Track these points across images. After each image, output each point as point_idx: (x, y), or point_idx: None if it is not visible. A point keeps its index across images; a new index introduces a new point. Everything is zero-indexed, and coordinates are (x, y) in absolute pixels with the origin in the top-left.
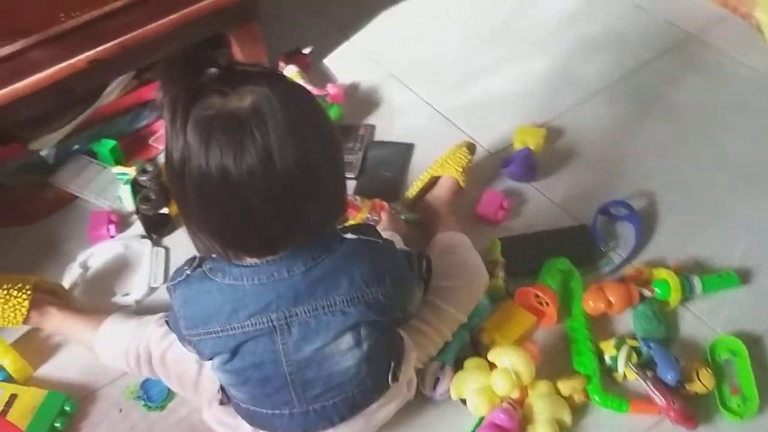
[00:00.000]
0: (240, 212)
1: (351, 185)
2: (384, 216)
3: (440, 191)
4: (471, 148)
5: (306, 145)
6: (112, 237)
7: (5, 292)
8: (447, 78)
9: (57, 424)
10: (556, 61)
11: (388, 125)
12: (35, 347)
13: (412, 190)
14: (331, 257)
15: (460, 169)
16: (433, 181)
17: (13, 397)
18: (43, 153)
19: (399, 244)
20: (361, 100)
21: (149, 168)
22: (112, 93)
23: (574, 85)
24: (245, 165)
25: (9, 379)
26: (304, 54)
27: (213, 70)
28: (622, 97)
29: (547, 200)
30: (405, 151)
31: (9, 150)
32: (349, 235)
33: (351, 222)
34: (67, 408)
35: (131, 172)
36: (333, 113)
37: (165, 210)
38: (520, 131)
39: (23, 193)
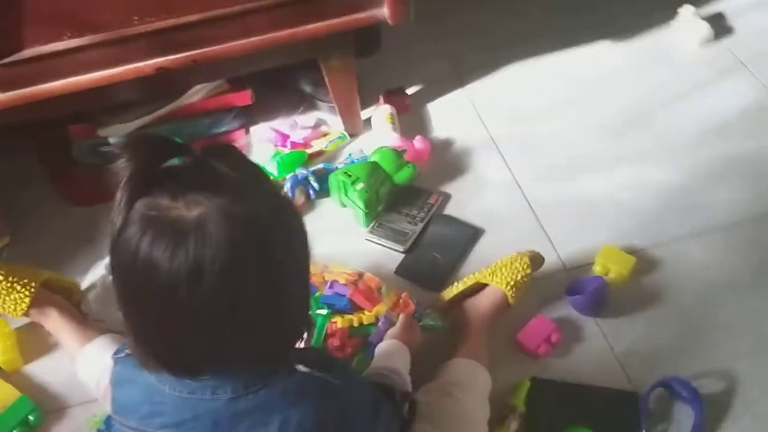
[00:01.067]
0: (157, 322)
1: (395, 260)
2: (401, 321)
3: (483, 302)
4: (535, 261)
5: (248, 283)
6: None
7: (9, 284)
8: (551, 162)
9: None
10: (682, 176)
11: (465, 199)
12: (34, 340)
13: (451, 291)
14: (268, 390)
15: (512, 283)
16: (478, 287)
17: None
18: (112, 140)
19: (404, 361)
20: (448, 162)
21: None
22: (198, 93)
23: (693, 212)
24: (172, 273)
25: None
26: (406, 94)
27: (177, 162)
28: (744, 243)
29: (606, 346)
30: (471, 236)
31: (79, 129)
32: (300, 367)
33: (365, 315)
34: (32, 418)
35: None
36: (404, 174)
37: None
38: (606, 253)
39: (86, 174)
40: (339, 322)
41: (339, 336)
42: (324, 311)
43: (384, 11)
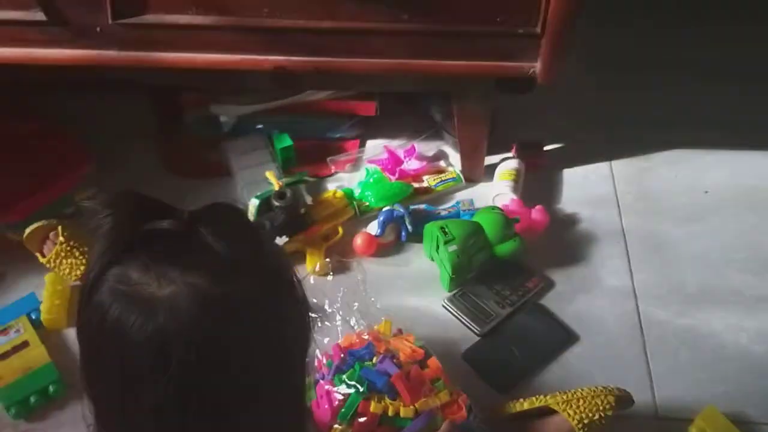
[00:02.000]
0: (119, 406)
1: (467, 341)
2: (444, 429)
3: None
4: (622, 402)
5: (222, 375)
6: None
7: (69, 247)
8: (682, 280)
9: (32, 399)
10: None
11: (569, 294)
12: None
13: (515, 406)
14: None
15: (587, 421)
16: (546, 411)
17: (23, 345)
18: (222, 119)
19: None
20: (564, 244)
21: (288, 194)
22: (320, 93)
23: None
24: (137, 358)
25: (39, 322)
26: (543, 151)
27: (161, 225)
28: None
29: None
30: (561, 341)
31: (192, 100)
32: None
33: (403, 407)
34: (51, 389)
35: (275, 185)
36: (506, 247)
37: None
38: (709, 415)
39: (190, 145)
40: (373, 405)
41: (369, 419)
42: (361, 387)
43: (536, 66)
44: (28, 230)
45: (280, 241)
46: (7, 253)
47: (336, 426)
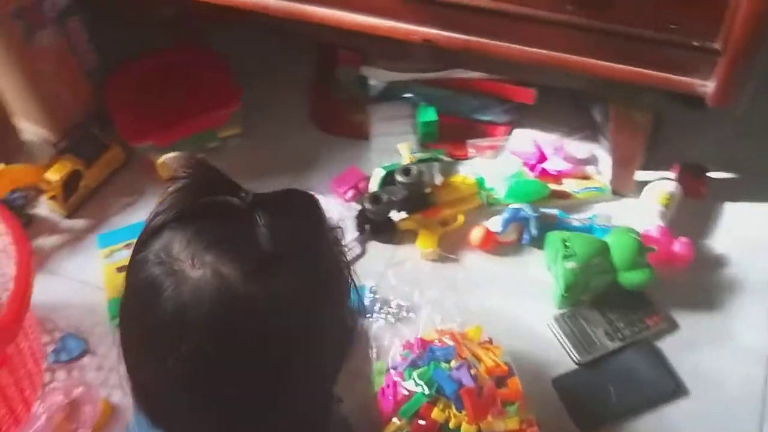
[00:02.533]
0: (149, 375)
1: (563, 366)
2: None
3: None
4: None
5: (232, 376)
6: (344, 200)
7: None
8: None
9: None
10: None
11: (693, 342)
12: None
13: None
14: None
15: None
16: None
17: None
18: (371, 82)
19: None
20: (701, 285)
21: (412, 171)
22: (470, 73)
23: None
24: (160, 321)
25: None
26: (706, 179)
27: (225, 201)
28: None
29: None
30: (668, 392)
31: (346, 57)
32: None
33: (466, 423)
34: None
35: (406, 159)
36: (633, 277)
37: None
38: None
39: (340, 102)
40: (436, 411)
41: (428, 424)
42: (427, 390)
43: (708, 86)
44: (161, 159)
45: (397, 216)
46: (150, 173)
47: (395, 420)
